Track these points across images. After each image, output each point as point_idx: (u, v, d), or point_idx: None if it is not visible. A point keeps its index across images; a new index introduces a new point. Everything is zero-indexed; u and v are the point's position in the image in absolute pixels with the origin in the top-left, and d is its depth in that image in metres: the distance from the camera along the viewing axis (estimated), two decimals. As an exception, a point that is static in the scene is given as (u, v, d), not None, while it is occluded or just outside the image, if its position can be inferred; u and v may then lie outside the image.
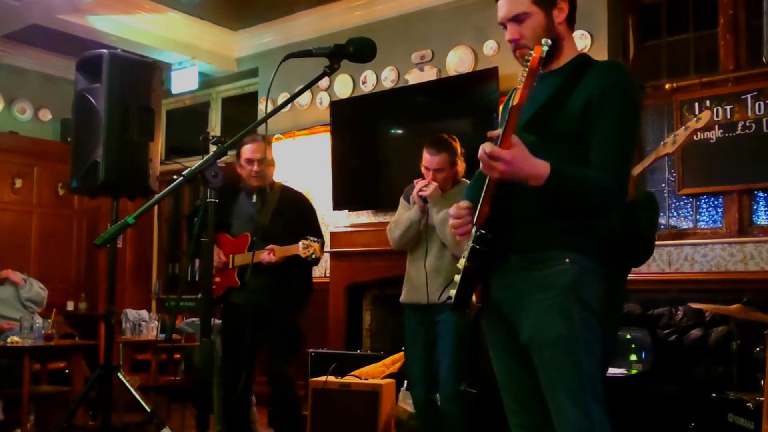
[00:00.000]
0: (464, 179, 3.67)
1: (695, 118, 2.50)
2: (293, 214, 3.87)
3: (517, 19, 1.99)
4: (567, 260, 1.89)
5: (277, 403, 3.92)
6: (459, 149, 3.64)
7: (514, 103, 1.78)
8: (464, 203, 2.08)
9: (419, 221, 3.58)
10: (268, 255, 3.70)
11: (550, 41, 1.81)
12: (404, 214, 3.67)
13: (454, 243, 3.38)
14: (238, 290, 3.81)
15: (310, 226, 3.89)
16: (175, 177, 2.05)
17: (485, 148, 1.80)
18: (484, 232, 1.92)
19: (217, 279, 3.84)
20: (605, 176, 1.88)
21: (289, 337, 3.88)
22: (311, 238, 3.62)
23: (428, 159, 3.58)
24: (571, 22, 2.06)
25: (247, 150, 3.81)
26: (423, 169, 3.61)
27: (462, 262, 2.00)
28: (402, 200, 3.77)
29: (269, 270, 3.72)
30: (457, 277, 2.02)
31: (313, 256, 3.61)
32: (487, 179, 1.88)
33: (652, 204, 2.89)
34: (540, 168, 1.82)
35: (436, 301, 3.45)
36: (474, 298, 2.07)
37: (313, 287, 4.07)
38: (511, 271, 1.96)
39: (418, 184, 3.57)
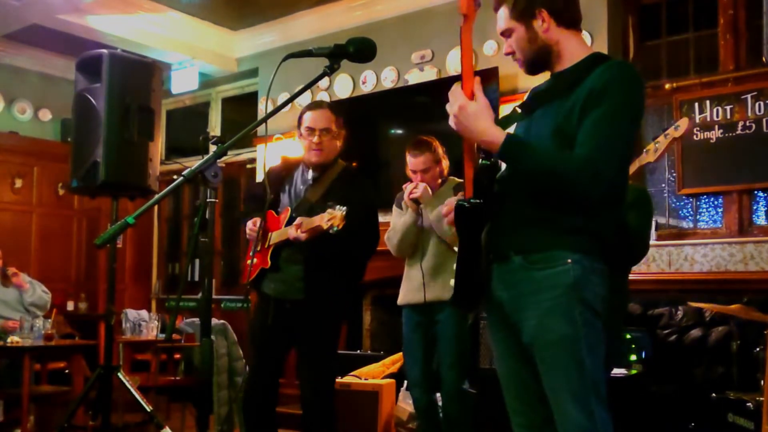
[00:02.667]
0: (452, 177, 3.70)
1: (674, 126, 2.52)
2: (345, 195, 3.14)
3: (505, 34, 2.08)
4: (569, 260, 1.88)
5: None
6: (440, 148, 3.68)
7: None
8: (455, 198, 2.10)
9: (415, 223, 3.60)
10: (294, 230, 3.08)
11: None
12: (399, 220, 3.69)
13: (450, 235, 3.39)
14: (269, 274, 3.28)
15: (361, 210, 3.14)
16: (175, 177, 2.05)
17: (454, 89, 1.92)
18: (473, 200, 1.93)
19: (255, 260, 3.29)
20: (579, 159, 1.83)
21: (328, 348, 3.30)
22: (337, 206, 2.98)
23: (413, 162, 3.63)
24: (568, 24, 2.02)
25: (308, 118, 3.24)
26: (410, 174, 3.65)
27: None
28: (395, 207, 3.79)
29: (306, 257, 3.17)
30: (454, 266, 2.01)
31: (334, 229, 2.93)
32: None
33: (645, 202, 2.88)
34: (494, 133, 1.88)
35: (434, 298, 3.46)
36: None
37: (359, 283, 3.41)
38: (513, 271, 1.96)
39: (408, 187, 3.59)
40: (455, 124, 1.94)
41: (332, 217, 2.93)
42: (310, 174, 3.30)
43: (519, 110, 2.05)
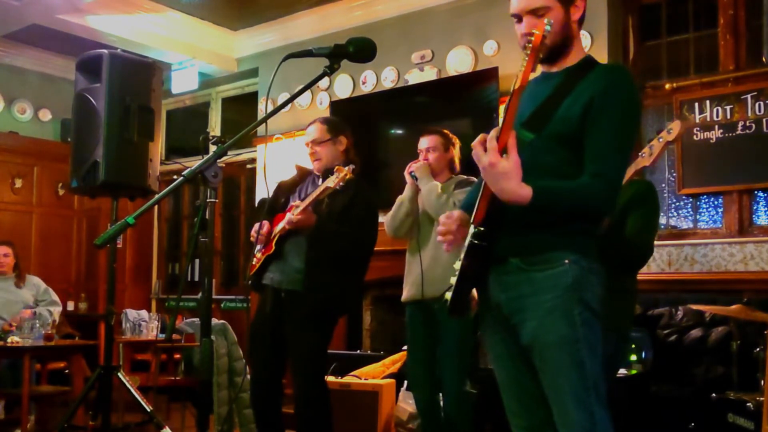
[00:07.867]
0: (462, 175, 3.69)
1: (667, 130, 2.52)
2: (349, 195, 3.40)
3: (536, 12, 1.96)
4: (567, 261, 1.89)
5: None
6: (455, 141, 3.72)
7: (516, 87, 1.77)
8: (456, 212, 2.06)
9: (410, 199, 3.61)
10: (292, 213, 3.28)
11: (552, 21, 1.83)
12: None
13: (438, 208, 3.37)
14: (272, 264, 3.44)
15: (353, 217, 3.38)
16: (175, 177, 2.06)
17: (484, 140, 1.80)
18: (482, 228, 1.90)
19: (259, 255, 3.50)
20: (598, 183, 1.86)
21: (317, 341, 3.40)
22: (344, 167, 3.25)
23: (421, 141, 3.69)
24: (581, 23, 2.04)
25: (306, 135, 3.58)
26: (419, 154, 3.69)
27: (457, 264, 1.98)
28: None
29: (307, 251, 3.34)
30: (453, 280, 1.99)
31: (342, 184, 3.21)
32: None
33: (648, 198, 2.80)
34: (521, 193, 1.79)
35: (432, 294, 3.45)
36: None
37: (361, 281, 3.55)
38: (510, 273, 1.95)
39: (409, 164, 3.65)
40: (483, 176, 1.85)
41: (339, 171, 3.22)
42: (319, 181, 3.52)
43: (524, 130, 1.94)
